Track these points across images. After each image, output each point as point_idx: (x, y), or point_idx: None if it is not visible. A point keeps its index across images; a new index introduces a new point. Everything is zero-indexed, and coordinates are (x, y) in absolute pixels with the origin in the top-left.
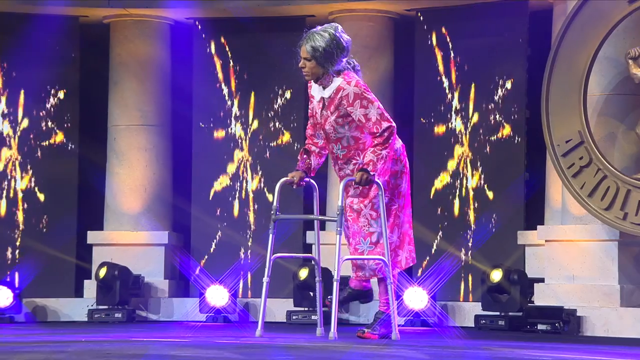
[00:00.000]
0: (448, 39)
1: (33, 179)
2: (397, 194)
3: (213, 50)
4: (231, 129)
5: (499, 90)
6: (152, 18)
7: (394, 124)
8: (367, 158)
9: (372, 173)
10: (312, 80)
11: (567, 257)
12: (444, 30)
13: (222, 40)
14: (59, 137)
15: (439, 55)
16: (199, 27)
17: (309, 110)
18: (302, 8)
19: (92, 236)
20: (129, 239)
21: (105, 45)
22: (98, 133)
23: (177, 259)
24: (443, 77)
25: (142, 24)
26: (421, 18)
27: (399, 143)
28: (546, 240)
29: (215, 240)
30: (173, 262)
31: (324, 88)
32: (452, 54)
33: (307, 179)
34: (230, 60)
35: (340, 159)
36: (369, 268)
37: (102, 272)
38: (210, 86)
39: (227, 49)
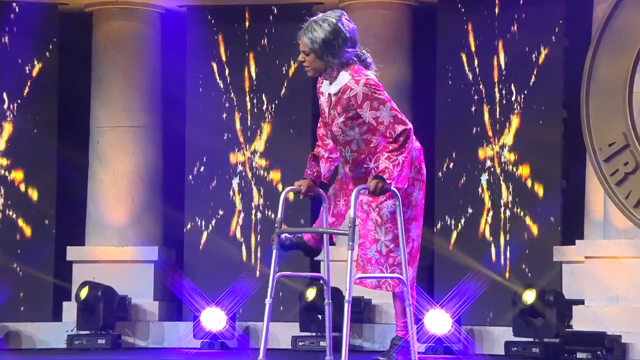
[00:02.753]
0: (474, 29)
1: (5, 187)
2: (407, 204)
3: (210, 42)
4: (231, 130)
5: (533, 87)
6: (139, 6)
7: (409, 126)
8: (382, 165)
9: (388, 181)
10: (318, 75)
11: (610, 276)
12: (469, 19)
13: (220, 30)
14: (36, 140)
15: (463, 48)
16: (193, 15)
17: (320, 109)
18: None
19: (72, 252)
20: (114, 255)
21: (88, 37)
22: (79, 135)
23: (169, 278)
24: (468, 72)
25: (129, 13)
26: (443, 6)
27: (415, 146)
28: (586, 257)
29: (211, 257)
30: (164, 281)
31: (330, 83)
32: (478, 46)
33: (315, 189)
34: (230, 53)
35: (350, 163)
36: (375, 279)
37: (84, 293)
38: (207, 82)
39: (226, 40)
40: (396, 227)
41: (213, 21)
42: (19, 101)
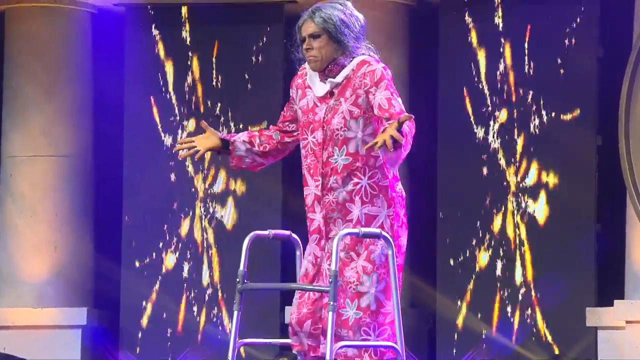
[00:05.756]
0: (484, 34)
1: None
2: (398, 247)
3: (154, 49)
4: (181, 158)
5: (559, 107)
6: (64, 4)
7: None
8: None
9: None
10: (314, 69)
11: None
12: (477, 21)
13: (167, 34)
14: None
15: (472, 57)
16: (134, 16)
17: (288, 111)
18: None
19: None
20: (31, 318)
21: None
22: None
23: (100, 348)
24: (478, 86)
25: (51, 12)
26: (447, 5)
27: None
28: (627, 322)
29: (155, 321)
30: (94, 351)
31: (333, 77)
32: (490, 56)
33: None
34: (179, 62)
35: (339, 172)
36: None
37: None
38: (150, 97)
39: (175, 46)
40: (389, 275)
41: (158, 23)
42: None
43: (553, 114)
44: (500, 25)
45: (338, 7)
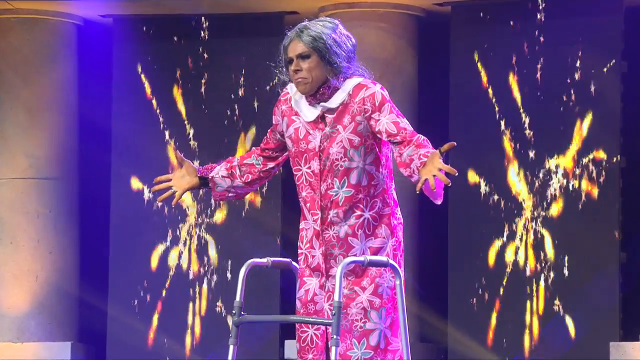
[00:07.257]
0: (498, 45)
1: None
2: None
3: (144, 63)
4: (159, 202)
5: (579, 125)
6: (48, 15)
7: None
8: (421, 152)
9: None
10: (303, 92)
11: None
12: (492, 33)
13: (158, 47)
14: None
15: (487, 72)
16: (123, 28)
17: (271, 139)
18: (279, 1)
19: None
20: (11, 353)
21: None
22: None
23: None
24: (494, 103)
25: (33, 24)
26: (459, 15)
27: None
28: None
29: (142, 355)
30: None
31: (325, 100)
32: (507, 70)
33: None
34: (171, 77)
35: (340, 205)
36: None
37: None
38: (140, 116)
39: (166, 60)
40: (394, 310)
41: (149, 35)
42: None
43: (572, 132)
44: (516, 35)
45: (328, 25)
